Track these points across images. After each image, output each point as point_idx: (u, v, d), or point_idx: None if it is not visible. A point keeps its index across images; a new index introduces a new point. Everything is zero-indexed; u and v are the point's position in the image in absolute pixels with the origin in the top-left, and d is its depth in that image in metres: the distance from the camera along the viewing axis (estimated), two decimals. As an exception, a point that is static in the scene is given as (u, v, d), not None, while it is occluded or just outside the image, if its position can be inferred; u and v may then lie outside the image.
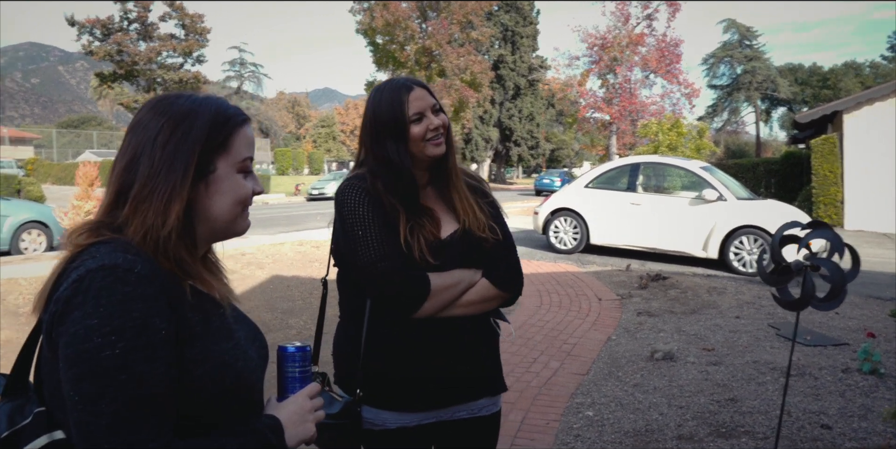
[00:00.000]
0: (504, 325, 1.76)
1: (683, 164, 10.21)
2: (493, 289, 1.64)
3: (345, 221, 1.57)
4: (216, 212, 1.07)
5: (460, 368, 1.62)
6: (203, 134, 1.04)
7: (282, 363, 1.13)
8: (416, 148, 1.59)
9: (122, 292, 0.90)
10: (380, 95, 1.62)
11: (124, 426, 0.86)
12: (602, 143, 41.21)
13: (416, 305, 1.54)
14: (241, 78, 75.32)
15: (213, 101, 1.10)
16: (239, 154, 1.09)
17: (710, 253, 9.13)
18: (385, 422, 1.59)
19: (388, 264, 1.52)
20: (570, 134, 63.86)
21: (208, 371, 0.97)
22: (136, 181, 1.01)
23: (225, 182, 1.07)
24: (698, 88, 37.15)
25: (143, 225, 0.99)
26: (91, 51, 38.93)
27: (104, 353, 0.87)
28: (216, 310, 1.06)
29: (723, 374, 4.62)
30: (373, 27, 41.21)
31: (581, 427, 3.73)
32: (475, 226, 1.64)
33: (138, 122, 1.06)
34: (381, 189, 1.58)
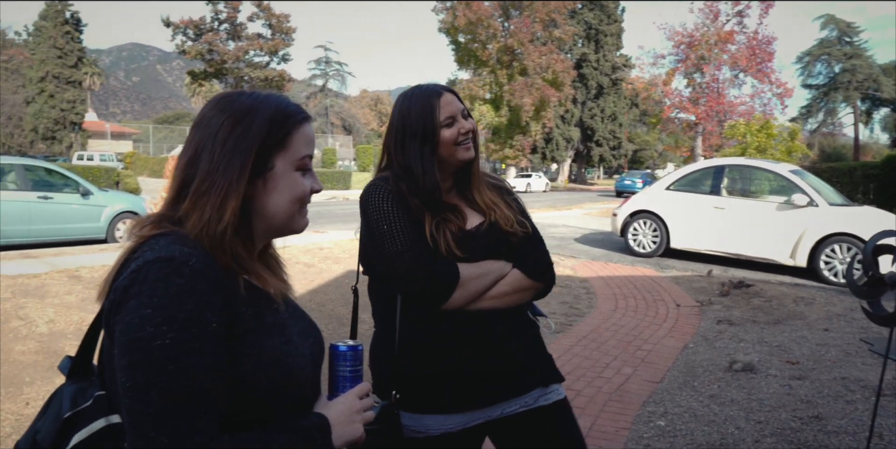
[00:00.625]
0: (542, 319, 1.74)
1: (772, 167, 9.77)
2: (526, 279, 1.61)
3: (369, 219, 1.57)
4: (273, 209, 1.08)
5: (495, 363, 1.58)
6: (262, 131, 1.05)
7: (333, 362, 1.13)
8: (447, 152, 1.60)
9: (176, 284, 0.91)
10: (409, 102, 1.62)
11: (171, 417, 0.87)
12: (687, 144, 39.98)
13: (446, 295, 1.52)
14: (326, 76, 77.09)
15: (275, 98, 1.11)
16: (298, 152, 1.09)
17: (798, 261, 8.70)
18: (427, 428, 1.55)
19: (413, 255, 1.51)
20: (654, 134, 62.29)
21: (259, 366, 0.98)
22: (197, 176, 1.03)
23: (283, 179, 1.08)
24: (791, 88, 35.52)
25: (200, 219, 1.00)
26: (184, 50, 40.82)
27: (156, 342, 0.88)
28: (270, 305, 1.06)
29: (807, 389, 4.38)
30: (455, 26, 41.37)
31: (652, 437, 3.61)
32: (503, 220, 1.64)
33: (202, 118, 1.08)
34: (404, 190, 1.59)
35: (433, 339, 1.55)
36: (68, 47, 43.71)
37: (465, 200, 1.67)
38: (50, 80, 42.75)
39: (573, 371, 4.70)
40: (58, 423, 0.98)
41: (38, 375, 4.28)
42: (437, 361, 1.54)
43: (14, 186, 9.74)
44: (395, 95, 65.85)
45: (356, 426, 1.08)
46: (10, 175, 9.92)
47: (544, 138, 47.08)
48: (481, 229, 1.62)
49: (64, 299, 5.91)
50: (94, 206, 10.40)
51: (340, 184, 33.27)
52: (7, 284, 6.21)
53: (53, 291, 6.14)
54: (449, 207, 1.62)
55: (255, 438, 0.95)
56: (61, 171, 10.74)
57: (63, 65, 43.22)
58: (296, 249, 9.24)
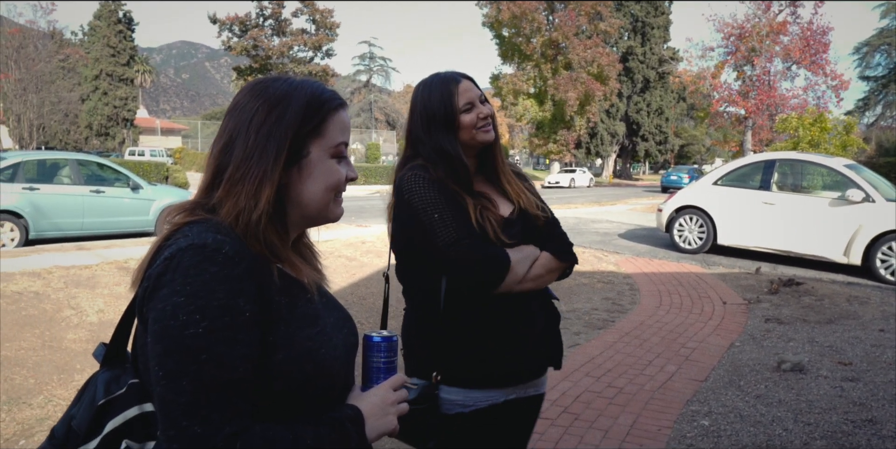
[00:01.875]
0: (555, 302, 1.82)
1: (825, 161, 9.45)
2: (555, 261, 1.69)
3: (415, 208, 1.60)
4: (308, 196, 1.06)
5: (533, 341, 1.67)
6: (297, 118, 1.03)
7: (367, 352, 1.11)
8: (467, 135, 1.67)
9: (209, 272, 0.90)
10: (428, 90, 1.69)
11: (203, 406, 0.87)
12: (736, 138, 39.04)
13: (500, 280, 1.58)
14: (370, 71, 77.52)
15: (310, 84, 1.09)
16: (333, 139, 1.07)
17: (851, 259, 8.39)
18: (476, 401, 1.61)
19: (469, 242, 1.57)
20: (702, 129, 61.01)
21: (290, 356, 0.96)
22: (231, 163, 1.02)
23: (318, 167, 1.06)
24: (847, 80, 34.27)
25: (235, 207, 0.99)
26: (230, 46, 41.56)
27: (188, 331, 0.88)
28: (303, 295, 1.05)
29: (861, 391, 4.23)
30: (499, 20, 41.14)
31: (695, 436, 3.53)
32: (529, 205, 1.72)
33: (236, 104, 1.06)
34: (442, 176, 1.63)
35: (481, 319, 1.60)
36: (121, 46, 44.89)
37: (491, 185, 1.73)
38: (104, 78, 43.98)
39: (615, 368, 4.62)
40: (92, 410, 0.98)
41: (89, 363, 4.40)
42: (486, 339, 1.60)
43: (68, 181, 10.05)
44: (438, 90, 66.02)
45: (390, 418, 1.06)
46: (64, 170, 10.24)
47: (589, 133, 46.54)
48: (515, 216, 1.70)
49: (113, 290, 6.07)
50: (144, 199, 10.66)
51: (384, 179, 33.46)
52: (60, 275, 6.40)
53: (104, 282, 6.31)
54: (481, 194, 1.68)
55: (287, 429, 0.93)
56: (113, 165, 11.03)
57: (116, 63, 44.41)
58: (338, 243, 9.31)
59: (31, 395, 3.86)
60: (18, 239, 9.19)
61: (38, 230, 9.40)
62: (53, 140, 40.92)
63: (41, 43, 33.99)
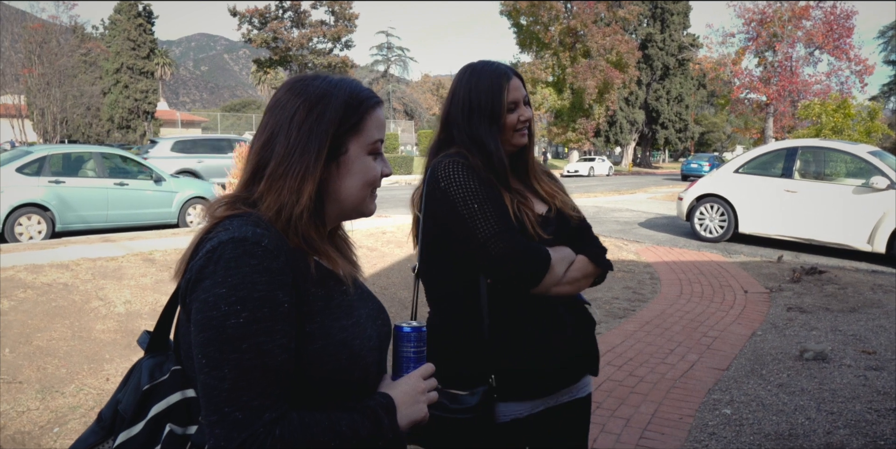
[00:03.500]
0: (588, 308, 1.76)
1: (849, 148, 9.33)
2: (591, 265, 1.62)
3: (454, 197, 1.52)
4: (346, 192, 1.10)
5: (573, 352, 1.61)
6: (337, 116, 1.07)
7: (397, 343, 1.14)
8: (505, 135, 1.62)
9: (249, 264, 0.94)
10: (477, 78, 1.62)
11: (244, 392, 0.91)
12: (757, 125, 38.54)
13: (539, 277, 1.50)
14: (388, 62, 77.38)
15: (348, 83, 1.12)
16: (370, 136, 1.11)
17: (876, 247, 8.30)
18: (500, 415, 1.54)
19: (511, 235, 1.50)
20: (722, 116, 60.33)
21: (325, 347, 1.00)
22: (272, 159, 1.05)
23: (356, 163, 1.09)
24: (872, 65, 33.63)
25: (276, 202, 1.03)
26: (250, 39, 41.76)
27: (230, 321, 0.91)
28: (339, 287, 1.08)
29: (885, 380, 4.20)
30: (517, 8, 40.88)
31: (717, 425, 3.54)
32: (564, 206, 1.67)
33: (276, 102, 1.10)
34: (479, 166, 1.57)
35: (524, 327, 1.54)
36: (141, 39, 45.19)
37: (523, 185, 1.68)
38: (124, 71, 44.34)
39: (636, 357, 4.64)
40: (137, 394, 1.03)
41: (117, 353, 4.50)
42: (525, 352, 1.53)
43: (93, 174, 10.20)
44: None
45: (420, 406, 1.09)
46: (89, 163, 10.40)
47: (608, 121, 46.18)
48: (551, 215, 1.64)
49: (139, 281, 6.18)
50: (166, 192, 10.80)
51: (403, 169, 33.51)
52: (87, 267, 6.52)
53: (130, 274, 6.41)
54: (515, 190, 1.62)
55: (323, 416, 0.97)
56: (136, 158, 11.18)
57: (136, 56, 44.74)
58: (359, 233, 9.37)
59: (63, 384, 3.96)
60: (45, 231, 9.37)
61: (65, 223, 9.58)
62: (76, 133, 41.39)
63: (63, 38, 34.31)
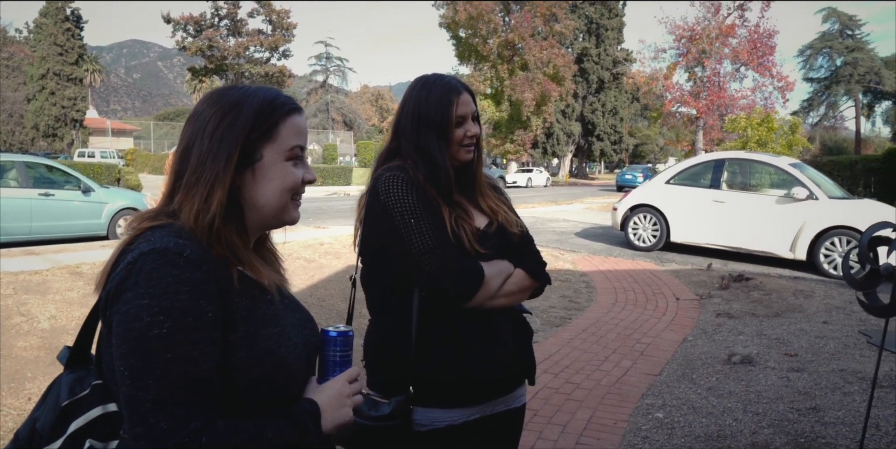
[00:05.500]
0: (528, 317, 1.77)
1: (772, 160, 9.77)
2: (529, 279, 1.64)
3: (392, 211, 1.54)
4: (264, 199, 1.10)
5: (508, 361, 1.62)
6: (248, 123, 1.07)
7: (323, 346, 1.15)
8: (451, 150, 1.63)
9: (171, 275, 0.94)
10: (427, 90, 1.63)
11: (168, 403, 0.90)
12: (688, 138, 39.97)
13: (472, 292, 1.53)
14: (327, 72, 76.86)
15: (265, 91, 1.13)
16: (286, 142, 1.11)
17: (797, 254, 8.70)
18: (434, 421, 1.56)
19: (445, 251, 1.51)
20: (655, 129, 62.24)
21: (251, 355, 1.00)
22: (188, 169, 1.06)
23: (272, 169, 1.09)
24: (792, 82, 35.44)
25: (191, 210, 1.03)
26: (184, 46, 40.83)
27: (152, 332, 0.91)
28: (264, 296, 1.08)
29: (805, 381, 4.40)
30: (456, 21, 41.26)
31: (650, 429, 3.63)
32: (506, 221, 1.68)
33: (194, 113, 1.11)
34: (422, 179, 1.58)
35: (452, 338, 1.55)
36: (69, 44, 43.69)
37: (468, 200, 1.69)
38: (51, 77, 42.74)
39: (572, 364, 4.72)
40: (56, 411, 1.00)
41: (40, 371, 4.30)
42: (456, 360, 1.55)
43: (15, 184, 9.75)
44: (396, 91, 65.31)
45: (346, 410, 1.10)
46: (11, 172, 9.93)
47: (545, 133, 46.99)
48: (492, 230, 1.65)
49: (65, 295, 5.93)
50: (96, 202, 10.41)
51: (341, 180, 33.24)
52: (9, 281, 6.23)
53: (55, 288, 6.16)
54: (457, 204, 1.63)
55: (249, 424, 0.97)
56: (62, 168, 10.74)
57: (64, 62, 43.21)
58: (297, 245, 9.25)
59: (-20, 404, 3.76)
60: (-37, 244, 8.90)
61: (-16, 235, 9.12)
62: (-3, 141, 39.62)
63: (-17, 41, 32.83)
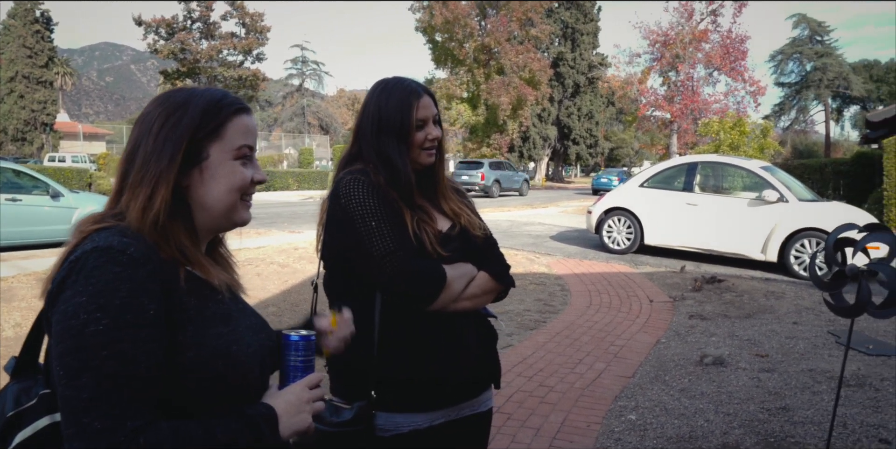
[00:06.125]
0: (492, 320, 1.77)
1: (743, 163, 9.89)
2: (492, 282, 1.64)
3: (353, 214, 1.54)
4: (212, 198, 1.08)
5: (472, 364, 1.61)
6: (194, 121, 1.06)
7: (284, 351, 1.12)
8: (412, 153, 1.63)
9: (112, 272, 0.92)
10: (387, 94, 1.63)
11: (104, 402, 0.87)
12: (662, 142, 40.41)
13: (434, 295, 1.52)
14: (303, 76, 76.58)
15: (211, 91, 1.12)
16: (233, 141, 1.10)
17: (769, 256, 8.82)
18: (398, 426, 1.55)
19: (405, 254, 1.51)
20: (630, 132, 62.79)
21: (201, 354, 0.98)
22: (133, 169, 1.05)
23: (219, 168, 1.09)
24: (764, 86, 36.03)
25: (136, 208, 1.02)
26: (156, 49, 40.37)
27: (89, 329, 0.88)
28: (214, 295, 1.07)
29: (775, 381, 4.45)
30: (432, 25, 41.33)
31: (622, 431, 3.65)
32: (469, 224, 1.68)
33: (142, 115, 1.10)
34: (383, 182, 1.58)
35: (414, 341, 1.54)
36: (38, 47, 42.97)
37: (430, 203, 1.68)
38: (20, 80, 42.01)
39: (546, 367, 4.72)
40: (0, 422, 0.97)
41: (4, 380, 4.20)
42: (418, 363, 1.54)
43: (-19, 189, 9.55)
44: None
45: (304, 417, 1.07)
46: (-23, 177, 9.73)
47: (521, 137, 47.18)
48: (454, 232, 1.65)
49: (31, 303, 5.82)
50: (65, 208, 10.22)
51: (317, 184, 33.05)
52: (-27, 288, 6.10)
53: (21, 295, 6.04)
54: (419, 207, 1.63)
55: (198, 425, 0.94)
56: (30, 172, 10.54)
57: (33, 65, 42.49)
58: (271, 249, 9.17)
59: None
60: (-73, 251, 8.69)
61: (-51, 241, 8.91)
62: (-36, 146, 38.86)
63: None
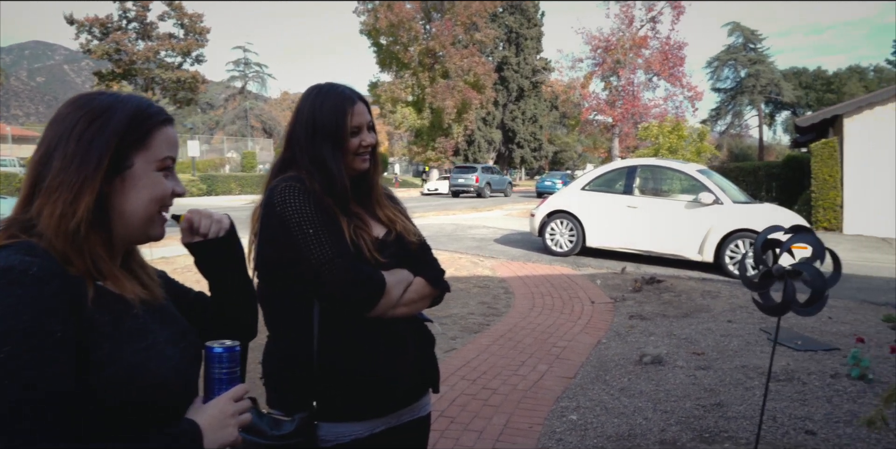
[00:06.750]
0: (429, 324, 1.78)
1: (680, 167, 10.17)
2: (428, 287, 1.65)
3: (289, 222, 1.52)
4: (132, 208, 1.05)
5: (405, 369, 1.62)
6: (121, 128, 1.03)
7: (208, 364, 1.10)
8: (346, 159, 1.62)
9: (14, 295, 0.88)
10: (322, 100, 1.62)
11: (5, 431, 0.84)
12: (604, 145, 41.24)
13: (374, 301, 1.52)
14: (245, 78, 75.18)
15: (136, 99, 1.10)
16: (159, 152, 1.08)
17: (705, 256, 9.09)
18: (339, 436, 1.54)
19: (344, 261, 1.50)
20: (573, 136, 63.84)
21: (118, 372, 0.95)
22: (49, 174, 1.00)
23: (142, 179, 1.06)
24: (701, 92, 37.13)
25: (52, 216, 0.97)
26: (90, 49, 39.05)
27: None
28: (128, 310, 1.03)
29: (711, 378, 4.58)
30: (377, 28, 41.25)
31: (564, 431, 3.70)
32: (406, 231, 1.69)
33: (57, 116, 1.05)
34: (318, 189, 1.57)
35: (354, 348, 1.54)
36: (-37, 46, 41.07)
37: (364, 210, 1.68)
38: (-57, 80, 40.11)
39: (490, 370, 4.75)
40: None
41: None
42: (357, 370, 1.54)
43: None
44: (316, 98, 64.45)
45: (230, 430, 1.05)
46: None
47: (466, 140, 47.50)
48: (390, 238, 1.65)
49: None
50: (-8, 213, 9.81)
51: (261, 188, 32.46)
52: None
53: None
54: (354, 214, 1.62)
55: (118, 446, 0.92)
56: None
57: (-43, 64, 40.59)
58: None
59: None
60: None
61: None
62: None
63: None
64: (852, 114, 15.36)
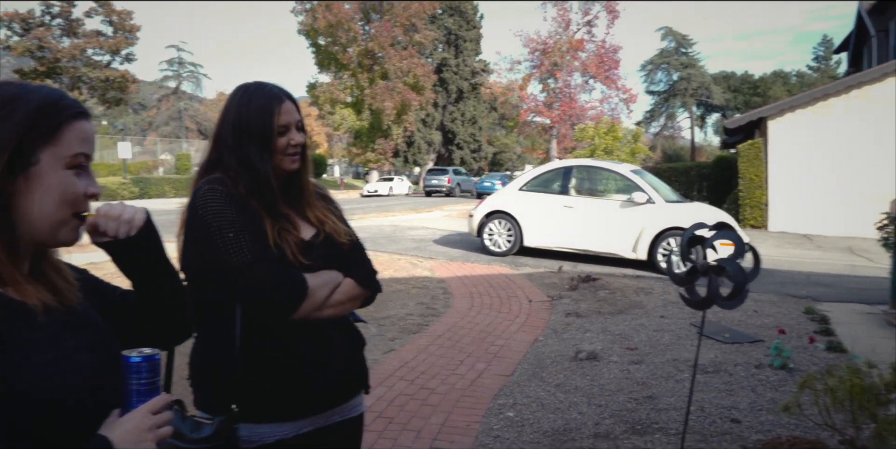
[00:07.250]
0: (361, 325, 1.78)
1: (614, 167, 10.42)
2: (358, 288, 1.64)
3: (210, 225, 1.50)
4: (37, 210, 0.98)
5: (332, 370, 1.61)
6: (26, 121, 0.96)
7: (125, 374, 1.02)
8: (275, 159, 1.60)
9: None
10: (248, 99, 1.59)
11: None
12: (543, 146, 41.86)
13: (296, 305, 1.51)
14: (180, 78, 73.19)
15: (47, 90, 1.02)
16: (69, 148, 0.99)
17: (639, 254, 9.33)
18: (262, 437, 1.53)
19: (265, 265, 1.49)
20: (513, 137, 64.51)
21: (20, 387, 0.89)
22: None
23: (50, 177, 0.97)
24: (636, 94, 38.22)
25: None
26: (9, 46, 37.28)
27: None
28: (31, 319, 0.96)
29: (643, 372, 4.71)
30: (315, 28, 40.83)
31: (501, 428, 3.74)
32: (336, 232, 1.66)
33: None
34: (243, 193, 1.55)
35: (278, 350, 1.53)
36: None
37: (294, 210, 1.66)
38: None
39: (428, 370, 4.77)
40: None
41: None
42: (281, 371, 1.52)
43: None
44: (253, 98, 63.25)
45: (146, 445, 0.98)
46: None
47: (406, 142, 47.43)
48: (318, 240, 1.63)
49: None
50: None
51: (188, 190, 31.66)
52: None
53: None
54: (283, 215, 1.60)
55: None
56: None
57: None
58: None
59: None
60: None
61: None
62: None
63: None
64: (776, 116, 16.04)
